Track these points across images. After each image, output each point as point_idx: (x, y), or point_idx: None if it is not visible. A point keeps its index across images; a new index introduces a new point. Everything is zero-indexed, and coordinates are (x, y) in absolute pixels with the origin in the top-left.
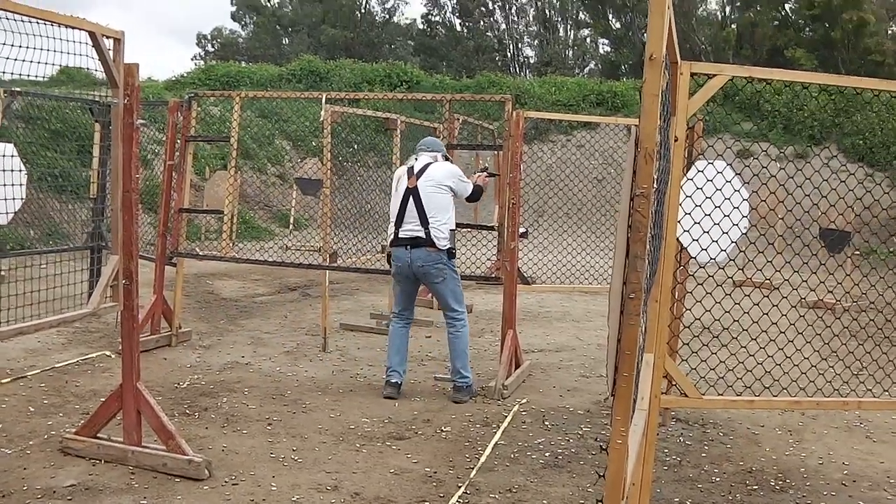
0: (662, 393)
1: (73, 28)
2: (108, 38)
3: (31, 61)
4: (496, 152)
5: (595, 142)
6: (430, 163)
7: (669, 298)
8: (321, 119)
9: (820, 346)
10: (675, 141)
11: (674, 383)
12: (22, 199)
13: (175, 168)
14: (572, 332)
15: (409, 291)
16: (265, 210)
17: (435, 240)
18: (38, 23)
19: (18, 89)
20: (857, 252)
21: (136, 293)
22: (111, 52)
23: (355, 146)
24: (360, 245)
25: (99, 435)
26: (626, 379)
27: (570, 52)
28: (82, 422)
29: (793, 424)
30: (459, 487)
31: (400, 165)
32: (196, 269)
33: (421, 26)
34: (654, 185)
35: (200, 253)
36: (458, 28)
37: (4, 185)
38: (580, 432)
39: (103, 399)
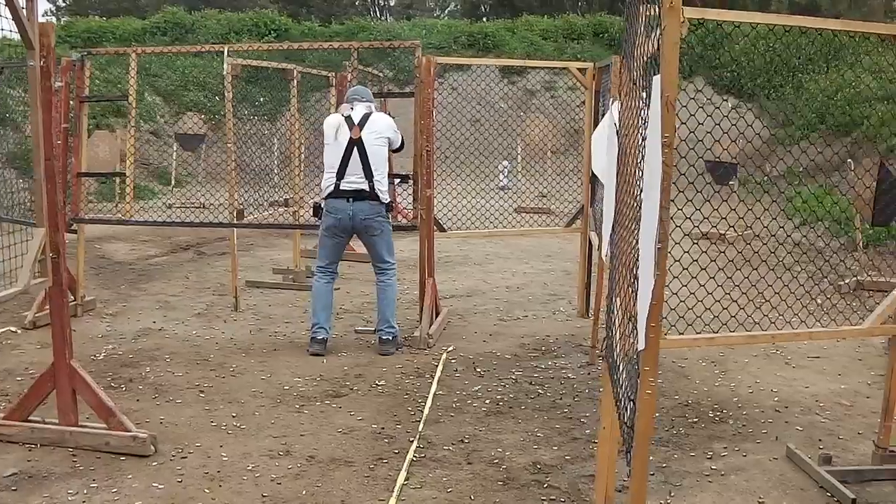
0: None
1: None
2: None
3: None
4: (383, 101)
5: (468, 83)
6: (368, 113)
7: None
8: (225, 72)
9: (723, 279)
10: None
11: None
12: None
13: (71, 130)
14: (478, 277)
15: (341, 245)
16: (142, 168)
17: (378, 193)
18: None
19: None
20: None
21: (64, 267)
22: (24, 11)
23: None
24: (257, 199)
25: (31, 418)
26: (654, 329)
27: None
28: (9, 405)
29: (714, 356)
30: (412, 442)
31: (293, 116)
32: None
33: None
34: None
35: (102, 217)
36: None
37: None
38: (513, 377)
39: (19, 378)
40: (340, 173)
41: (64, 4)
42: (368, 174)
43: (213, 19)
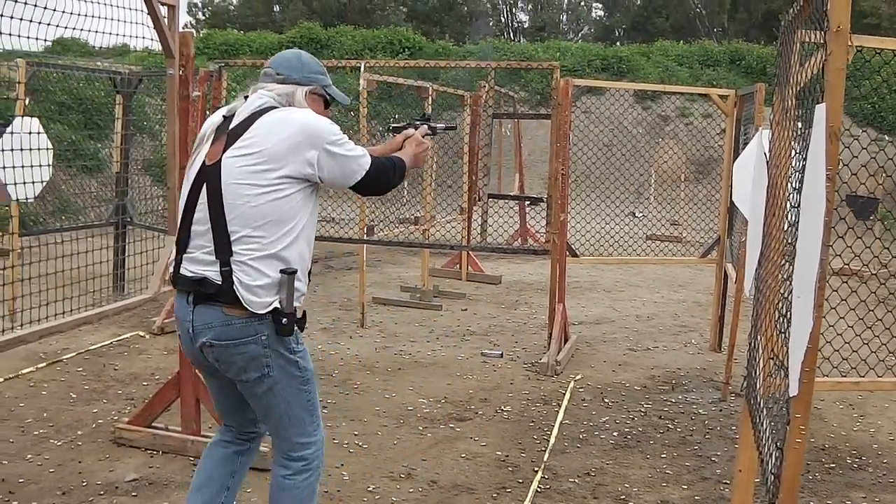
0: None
1: None
2: (163, 5)
3: (92, 31)
4: (515, 121)
5: (601, 107)
6: (267, 107)
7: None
8: (361, 88)
9: (867, 319)
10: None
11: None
12: (48, 175)
13: None
14: (607, 304)
15: (221, 388)
16: None
17: (240, 290)
18: None
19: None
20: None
21: None
22: (166, 21)
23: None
24: (386, 216)
25: (154, 424)
26: (809, 375)
27: (564, 16)
28: (133, 410)
29: (852, 398)
30: (536, 472)
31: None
32: None
33: None
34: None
35: None
36: None
37: (35, 161)
38: (642, 410)
39: (145, 384)
40: (182, 239)
41: (203, 17)
42: (222, 245)
43: (347, 35)
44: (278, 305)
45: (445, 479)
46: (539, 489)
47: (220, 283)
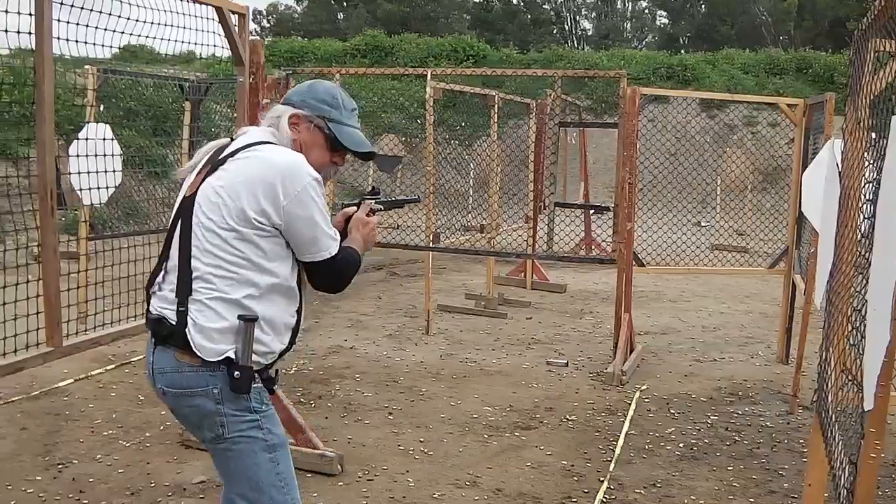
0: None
1: (200, 3)
2: (233, 13)
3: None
4: (581, 130)
5: (666, 116)
6: (263, 141)
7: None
8: (427, 96)
9: None
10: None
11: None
12: (118, 181)
13: None
14: (672, 314)
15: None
16: (338, 186)
17: (191, 332)
18: None
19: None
20: None
21: None
22: (236, 29)
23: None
24: (452, 224)
25: None
26: (885, 389)
27: (628, 24)
28: None
29: None
30: (602, 482)
31: (492, 141)
32: None
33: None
34: None
35: None
36: (515, 1)
37: (106, 167)
38: (709, 421)
39: None
40: (154, 276)
41: (267, 25)
42: (183, 284)
43: (412, 43)
44: (232, 356)
45: (511, 487)
46: (605, 499)
47: (174, 323)
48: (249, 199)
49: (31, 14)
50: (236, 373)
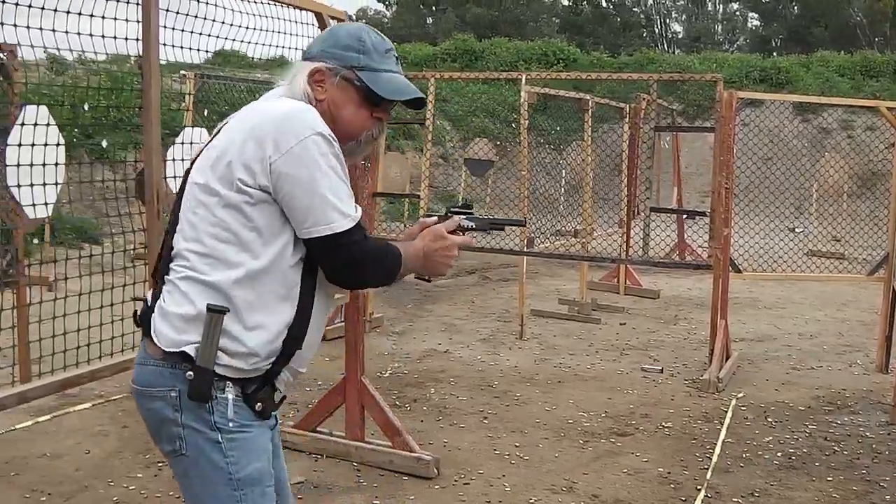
0: None
1: (300, 9)
2: (332, 18)
3: (254, 42)
4: (674, 134)
5: (761, 120)
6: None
7: None
8: (522, 100)
9: None
10: None
11: None
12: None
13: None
14: (768, 321)
15: None
16: (431, 190)
17: (155, 317)
18: (264, 3)
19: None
20: None
21: None
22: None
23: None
24: (545, 228)
25: (319, 429)
26: None
27: (719, 26)
28: (297, 414)
29: None
30: (699, 490)
31: (586, 145)
32: None
33: (566, 3)
34: None
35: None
36: (604, 4)
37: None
38: (807, 431)
39: (308, 389)
40: (158, 258)
41: None
42: (164, 264)
43: (502, 47)
44: (190, 351)
45: (607, 493)
46: None
47: (148, 307)
48: (237, 154)
49: (138, 21)
50: (189, 373)
